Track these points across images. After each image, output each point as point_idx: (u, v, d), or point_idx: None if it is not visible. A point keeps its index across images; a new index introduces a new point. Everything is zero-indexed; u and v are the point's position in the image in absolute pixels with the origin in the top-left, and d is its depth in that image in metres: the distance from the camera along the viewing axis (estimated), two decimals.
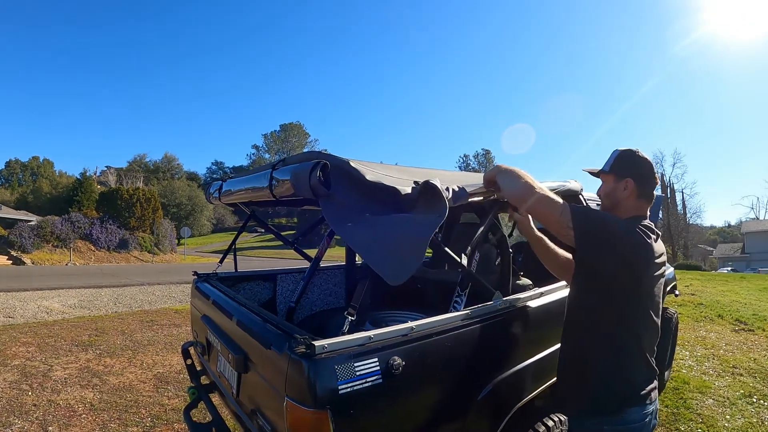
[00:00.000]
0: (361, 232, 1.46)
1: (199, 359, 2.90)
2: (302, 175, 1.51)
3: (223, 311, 2.24)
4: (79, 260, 26.33)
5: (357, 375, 1.42)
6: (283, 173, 1.71)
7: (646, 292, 1.74)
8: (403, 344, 1.58)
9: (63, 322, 7.80)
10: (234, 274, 3.28)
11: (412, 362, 1.57)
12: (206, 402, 2.63)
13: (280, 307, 3.41)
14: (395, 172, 1.75)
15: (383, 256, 1.40)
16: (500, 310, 2.04)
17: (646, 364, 1.78)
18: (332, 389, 1.38)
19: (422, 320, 1.71)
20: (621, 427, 1.73)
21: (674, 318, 4.78)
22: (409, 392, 1.61)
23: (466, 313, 1.88)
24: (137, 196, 31.31)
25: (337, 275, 3.86)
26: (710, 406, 4.32)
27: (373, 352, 1.49)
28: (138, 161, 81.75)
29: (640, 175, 1.87)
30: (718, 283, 13.94)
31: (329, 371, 1.39)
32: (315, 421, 1.37)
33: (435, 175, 1.88)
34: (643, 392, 1.76)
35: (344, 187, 1.53)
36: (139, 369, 5.26)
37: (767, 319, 8.10)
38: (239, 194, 2.35)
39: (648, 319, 1.77)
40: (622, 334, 1.75)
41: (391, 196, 1.58)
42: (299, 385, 1.40)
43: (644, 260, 1.70)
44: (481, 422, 1.88)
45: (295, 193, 1.63)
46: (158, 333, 7.11)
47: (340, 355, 1.43)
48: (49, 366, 5.26)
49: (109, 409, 4.11)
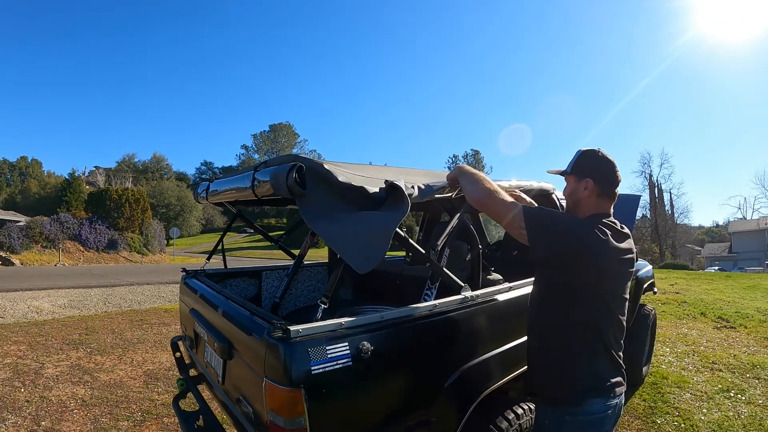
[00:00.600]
0: (333, 227, 1.58)
1: (188, 352, 3.02)
2: (280, 176, 1.63)
3: (209, 304, 2.35)
4: (68, 261, 26.20)
5: (328, 357, 1.55)
6: (264, 174, 1.82)
7: (604, 288, 1.78)
8: (372, 331, 1.71)
9: (53, 322, 7.84)
10: (221, 270, 3.39)
11: (381, 348, 1.70)
12: (194, 392, 2.75)
13: (265, 302, 3.53)
14: (368, 172, 1.87)
15: (351, 247, 1.52)
16: (467, 302, 2.15)
17: (608, 359, 1.83)
18: (306, 370, 1.50)
19: (391, 310, 1.83)
20: (581, 417, 1.79)
21: (652, 315, 4.86)
22: (378, 376, 1.73)
23: (434, 304, 2.00)
24: (126, 197, 31.17)
25: (321, 272, 3.97)
26: (687, 400, 4.41)
27: (343, 337, 1.62)
28: (127, 161, 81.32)
29: (599, 174, 1.91)
30: (703, 282, 14.09)
31: (303, 353, 1.51)
32: (290, 399, 1.49)
33: (406, 173, 2.01)
34: (606, 385, 1.80)
35: (318, 188, 1.65)
36: (129, 366, 5.34)
37: (749, 317, 8.24)
38: (225, 194, 2.46)
39: (610, 315, 1.81)
40: (582, 328, 1.81)
41: (360, 195, 1.70)
42: (276, 366, 1.52)
43: (599, 256, 1.74)
44: (448, 407, 1.99)
45: (274, 193, 1.74)
46: (148, 332, 7.17)
47: (313, 339, 1.56)
48: (40, 364, 5.32)
49: (100, 404, 4.19)
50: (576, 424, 1.80)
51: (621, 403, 1.86)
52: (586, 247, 1.74)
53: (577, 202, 1.97)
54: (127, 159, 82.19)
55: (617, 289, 1.83)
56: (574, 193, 1.98)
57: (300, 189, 1.60)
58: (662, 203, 50.13)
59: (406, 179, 1.86)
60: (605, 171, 1.92)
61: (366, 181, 1.74)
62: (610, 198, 1.93)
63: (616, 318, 1.83)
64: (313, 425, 1.51)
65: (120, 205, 30.66)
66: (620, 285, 1.84)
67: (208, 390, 2.72)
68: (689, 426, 3.88)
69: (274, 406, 1.53)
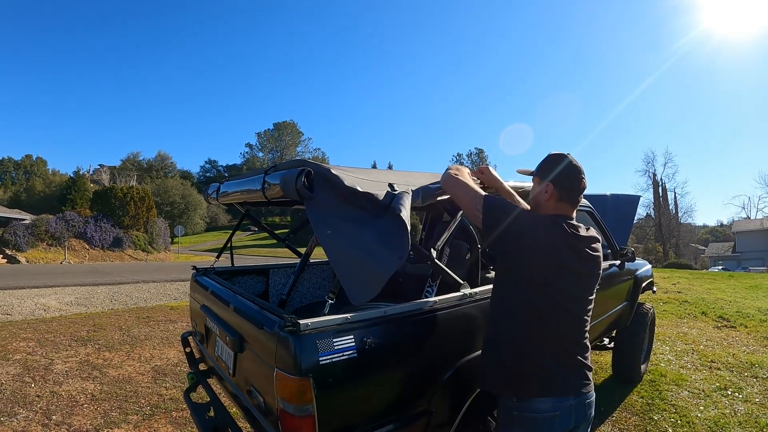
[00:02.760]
0: (335, 243, 1.68)
1: (198, 347, 3.12)
2: (289, 180, 1.75)
3: (221, 300, 2.46)
4: (73, 259, 26.31)
5: (335, 349, 1.66)
6: (274, 178, 1.94)
7: (555, 285, 1.80)
8: (376, 325, 1.82)
9: (61, 319, 7.96)
10: (230, 268, 3.49)
11: (384, 341, 1.81)
12: (204, 386, 2.87)
13: (273, 299, 3.64)
14: (372, 176, 1.97)
15: (351, 276, 1.63)
16: (466, 299, 2.24)
17: (560, 358, 1.82)
18: (314, 360, 1.61)
19: (394, 305, 1.94)
20: (527, 414, 1.79)
21: (650, 313, 4.93)
22: (381, 367, 1.84)
23: (434, 301, 2.10)
24: (131, 195, 31.22)
25: (326, 270, 4.08)
26: (685, 397, 4.48)
27: (349, 330, 1.73)
28: (131, 159, 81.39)
29: (560, 180, 1.92)
30: (705, 281, 14.11)
31: (312, 345, 1.62)
32: (299, 388, 1.59)
33: (407, 176, 2.11)
34: (555, 385, 1.80)
35: (325, 191, 1.76)
36: (137, 362, 5.44)
37: (750, 316, 8.28)
38: (235, 195, 2.58)
39: (564, 314, 1.81)
40: (528, 323, 1.82)
41: (365, 199, 1.79)
42: (286, 357, 1.62)
43: (546, 252, 1.78)
44: (447, 399, 2.09)
45: (283, 195, 1.86)
46: (155, 329, 7.27)
47: (321, 332, 1.67)
48: (50, 360, 5.42)
49: (109, 399, 4.28)
50: (523, 420, 1.80)
51: (581, 405, 1.82)
52: (532, 239, 1.80)
53: (537, 204, 2.01)
54: (131, 157, 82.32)
55: (573, 288, 1.84)
56: (536, 195, 2.02)
57: (308, 192, 1.71)
58: (666, 202, 50.13)
59: (407, 182, 1.96)
60: (568, 177, 1.94)
61: (370, 186, 1.84)
62: (570, 203, 1.95)
63: (573, 317, 1.84)
64: (321, 412, 1.61)
65: (125, 203, 30.73)
66: (578, 285, 1.85)
67: (218, 383, 2.84)
68: (686, 423, 3.93)
69: (284, 395, 1.64)
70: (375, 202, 1.80)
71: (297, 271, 2.78)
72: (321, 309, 1.81)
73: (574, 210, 1.97)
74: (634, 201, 5.17)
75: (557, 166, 1.95)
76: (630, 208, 5.10)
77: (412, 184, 2.01)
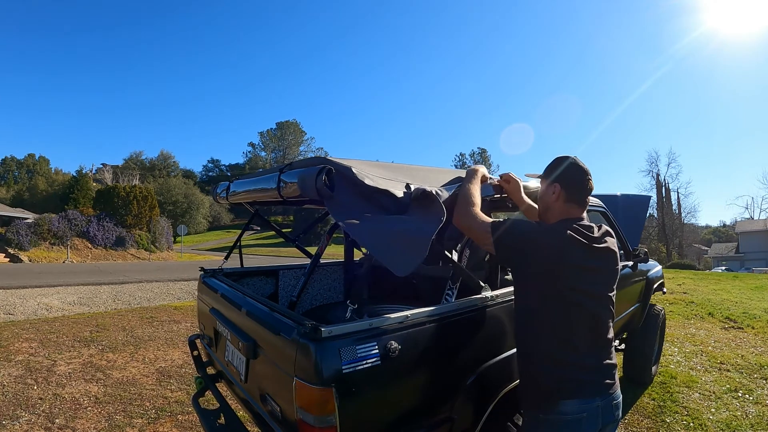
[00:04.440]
0: (367, 228, 1.62)
1: (206, 350, 3.05)
2: (309, 178, 1.68)
3: (232, 303, 2.38)
4: (76, 258, 26.32)
5: (358, 357, 1.58)
6: (291, 176, 1.87)
7: (575, 287, 1.78)
8: (399, 330, 1.74)
9: (63, 319, 7.89)
10: (238, 269, 3.41)
11: (407, 347, 1.73)
12: (213, 390, 2.78)
13: (282, 301, 3.55)
14: (390, 173, 1.91)
15: (389, 249, 1.56)
16: (488, 301, 2.18)
17: (588, 360, 1.81)
18: (336, 369, 1.54)
19: (416, 309, 1.86)
20: (553, 417, 1.78)
21: (661, 315, 4.89)
22: (404, 374, 1.76)
23: (457, 304, 2.03)
24: (134, 194, 31.26)
25: (336, 271, 3.99)
26: (696, 399, 4.44)
27: (372, 337, 1.65)
28: (134, 159, 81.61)
29: (568, 181, 1.95)
30: (710, 282, 14.10)
31: (334, 353, 1.55)
32: (321, 398, 1.52)
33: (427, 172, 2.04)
34: (580, 386, 1.78)
35: (346, 191, 1.69)
36: (141, 363, 5.37)
37: (757, 317, 8.26)
38: (246, 194, 2.50)
39: (585, 315, 1.80)
40: (551, 329, 1.81)
41: (386, 197, 1.74)
42: (307, 365, 1.54)
43: (564, 258, 1.77)
44: (469, 405, 2.03)
45: (301, 194, 1.79)
46: (158, 329, 7.20)
47: (343, 339, 1.59)
48: (52, 361, 5.36)
49: (113, 402, 4.21)
50: (549, 423, 1.79)
51: (608, 407, 1.81)
52: (546, 250, 1.79)
53: (546, 206, 2.03)
54: (134, 156, 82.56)
55: (592, 286, 1.83)
56: (543, 196, 2.04)
57: (329, 191, 1.64)
58: (669, 203, 50.06)
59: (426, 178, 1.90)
60: (574, 178, 1.96)
61: (391, 185, 1.78)
62: (578, 204, 1.96)
63: (592, 316, 1.82)
64: (343, 423, 1.54)
65: (128, 202, 30.74)
66: (596, 283, 1.84)
67: (227, 387, 2.76)
68: (698, 425, 3.90)
69: (304, 404, 1.56)
70: (395, 201, 1.75)
71: (307, 272, 2.72)
72: (333, 311, 1.75)
73: (583, 211, 1.98)
74: (645, 201, 5.10)
75: (564, 167, 1.99)
76: (641, 209, 5.03)
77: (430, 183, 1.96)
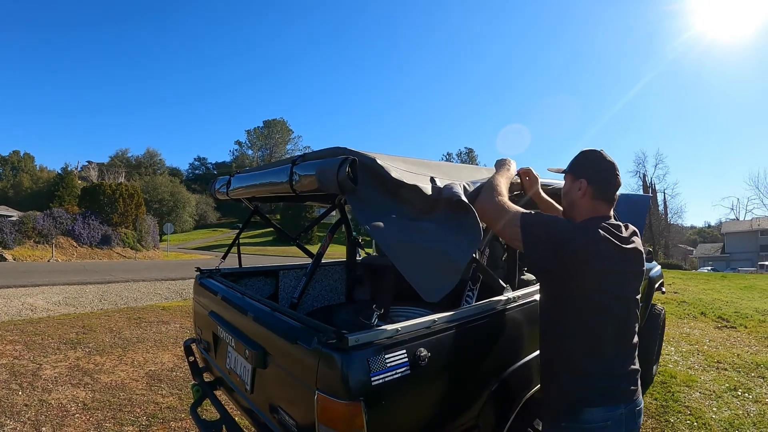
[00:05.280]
0: (394, 236, 1.47)
1: (203, 356, 2.89)
2: (329, 171, 1.52)
3: (235, 307, 2.22)
4: (61, 256, 25.90)
5: (388, 366, 1.45)
6: (306, 168, 1.70)
7: (603, 289, 1.69)
8: (427, 336, 1.61)
9: (49, 320, 7.66)
10: (236, 270, 3.26)
11: (436, 353, 1.60)
12: (212, 399, 2.61)
13: (282, 302, 3.40)
14: (413, 167, 1.76)
15: (419, 270, 1.42)
16: (511, 303, 2.07)
17: (609, 366, 1.73)
18: (365, 381, 1.40)
19: (443, 313, 1.73)
20: (577, 425, 1.71)
21: (662, 314, 4.87)
22: (432, 383, 1.64)
23: (481, 306, 1.91)
24: (120, 192, 30.75)
25: (338, 272, 3.86)
26: (697, 398, 4.44)
27: (401, 344, 1.52)
28: (120, 156, 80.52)
29: (594, 176, 1.84)
30: (699, 282, 14.27)
31: (362, 363, 1.41)
32: (348, 413, 1.38)
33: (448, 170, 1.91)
34: (604, 394, 1.71)
35: (370, 184, 1.55)
36: (130, 367, 5.20)
37: (749, 317, 8.34)
38: (250, 189, 2.35)
39: (610, 318, 1.72)
40: (576, 335, 1.73)
41: (413, 193, 1.59)
42: (332, 378, 1.41)
43: (593, 259, 1.67)
44: (493, 412, 1.92)
45: (318, 188, 1.63)
46: (147, 330, 7.02)
47: (371, 348, 1.45)
48: (38, 365, 5.17)
49: (102, 408, 4.04)
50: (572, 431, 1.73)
51: (631, 414, 1.74)
52: (578, 251, 1.67)
53: (571, 203, 1.92)
54: (120, 154, 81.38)
55: (620, 290, 1.73)
56: (568, 192, 1.93)
57: (352, 184, 1.49)
58: (656, 203, 50.45)
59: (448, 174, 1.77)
60: (601, 172, 1.85)
61: (417, 179, 1.64)
62: (605, 200, 1.85)
63: (619, 321, 1.74)
64: None
65: (114, 200, 30.24)
66: (624, 286, 1.75)
67: (227, 395, 2.61)
68: (702, 425, 3.90)
69: (327, 420, 1.43)
70: (423, 197, 1.60)
71: (309, 272, 2.59)
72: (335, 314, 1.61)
73: (611, 209, 1.87)
74: (646, 201, 5.03)
75: (590, 161, 1.89)
76: (642, 208, 4.97)
77: (455, 178, 1.82)
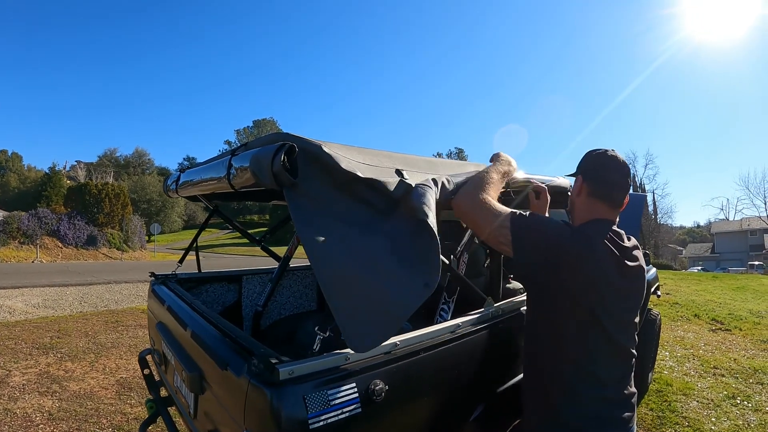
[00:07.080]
0: (333, 259, 1.20)
1: (158, 369, 2.63)
2: (264, 160, 1.22)
3: (177, 320, 1.94)
4: (46, 257, 25.55)
5: (331, 405, 1.17)
6: (243, 159, 1.39)
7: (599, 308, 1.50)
8: (385, 364, 1.33)
9: (25, 323, 7.47)
10: (196, 275, 2.97)
11: (396, 386, 1.33)
12: (165, 417, 2.37)
13: (246, 310, 3.13)
14: (375, 159, 1.46)
15: (351, 314, 1.14)
16: (493, 318, 1.81)
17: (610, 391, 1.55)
18: (301, 422, 1.13)
19: (406, 335, 1.45)
20: None
21: (657, 320, 4.72)
22: (393, 421, 1.37)
23: (457, 324, 1.64)
24: (106, 191, 30.37)
25: (308, 276, 3.59)
26: (695, 408, 4.27)
27: (350, 375, 1.24)
28: (108, 156, 79.97)
29: (590, 172, 1.70)
30: (691, 282, 14.15)
31: (297, 401, 1.14)
32: None
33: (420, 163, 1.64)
34: (601, 424, 1.53)
35: (314, 176, 1.26)
36: (101, 374, 5.00)
37: (743, 319, 8.16)
38: (198, 186, 2.02)
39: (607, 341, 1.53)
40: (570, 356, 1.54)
41: (372, 191, 1.33)
42: (260, 416, 1.15)
43: (588, 270, 1.48)
44: None
45: (256, 183, 1.33)
46: (123, 334, 6.82)
47: (309, 382, 1.18)
48: (7, 371, 4.97)
49: (68, 418, 3.86)
50: None
51: None
52: (572, 258, 1.48)
53: (571, 204, 1.80)
54: (108, 153, 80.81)
55: (619, 310, 1.54)
56: (571, 194, 1.82)
57: (289, 177, 1.19)
58: (646, 204, 50.58)
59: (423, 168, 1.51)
60: (598, 168, 1.69)
61: (375, 172, 1.36)
62: (603, 200, 1.66)
63: (618, 347, 1.55)
64: None
65: (100, 200, 29.87)
66: (623, 306, 1.56)
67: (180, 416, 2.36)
68: None
69: None
70: (384, 194, 1.33)
71: (275, 278, 2.35)
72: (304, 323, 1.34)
73: (613, 212, 1.67)
74: (641, 200, 4.90)
75: (590, 158, 1.75)
76: (637, 208, 4.83)
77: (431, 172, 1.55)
